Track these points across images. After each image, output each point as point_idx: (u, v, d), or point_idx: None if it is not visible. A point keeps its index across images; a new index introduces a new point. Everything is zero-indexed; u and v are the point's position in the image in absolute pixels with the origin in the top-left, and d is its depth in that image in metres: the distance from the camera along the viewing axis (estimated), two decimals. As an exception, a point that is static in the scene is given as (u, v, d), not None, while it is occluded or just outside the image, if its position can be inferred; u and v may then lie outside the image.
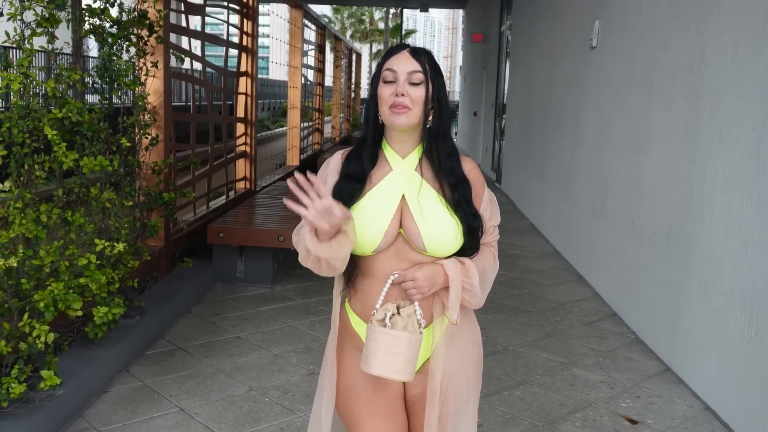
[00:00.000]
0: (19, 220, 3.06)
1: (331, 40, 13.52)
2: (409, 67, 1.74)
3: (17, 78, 3.11)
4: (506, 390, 3.77)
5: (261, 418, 3.35)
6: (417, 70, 1.74)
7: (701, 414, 3.56)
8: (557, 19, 7.82)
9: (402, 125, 1.74)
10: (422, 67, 1.74)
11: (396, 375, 1.69)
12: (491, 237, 1.91)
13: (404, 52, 1.77)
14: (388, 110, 1.74)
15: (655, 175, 4.47)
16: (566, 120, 7.03)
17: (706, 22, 3.88)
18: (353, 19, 49.92)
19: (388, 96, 1.73)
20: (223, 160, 6.55)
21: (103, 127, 3.90)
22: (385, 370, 1.68)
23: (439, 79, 1.77)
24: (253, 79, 7.09)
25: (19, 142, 3.16)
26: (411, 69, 1.74)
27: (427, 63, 1.76)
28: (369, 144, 1.81)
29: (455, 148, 1.83)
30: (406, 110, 1.73)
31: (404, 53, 1.76)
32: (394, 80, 1.74)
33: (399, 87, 1.73)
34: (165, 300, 4.50)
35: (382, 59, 1.81)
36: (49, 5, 3.34)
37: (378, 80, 1.77)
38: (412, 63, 1.74)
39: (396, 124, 1.74)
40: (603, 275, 5.53)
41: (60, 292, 3.12)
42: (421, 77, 1.74)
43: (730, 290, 3.42)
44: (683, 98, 4.10)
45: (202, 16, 5.87)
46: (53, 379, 3.03)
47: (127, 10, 4.22)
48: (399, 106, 1.72)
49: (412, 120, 1.74)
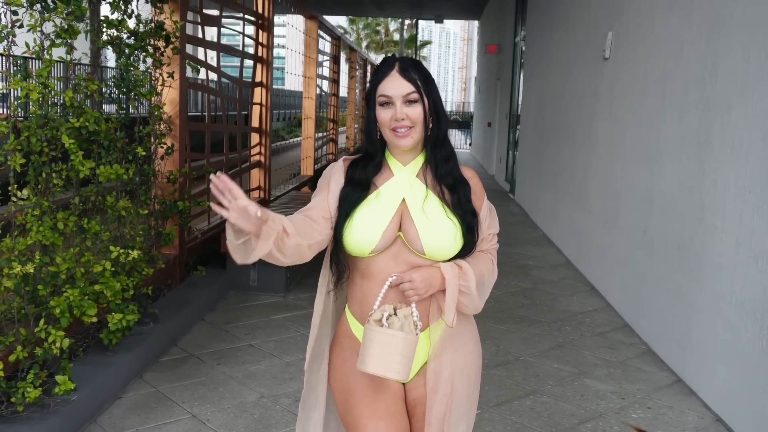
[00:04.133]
0: (36, 227, 3.12)
1: (346, 50, 13.60)
2: (402, 89, 1.76)
3: (36, 88, 3.17)
4: (517, 399, 3.77)
5: (272, 425, 3.37)
6: (411, 91, 1.76)
7: (712, 425, 3.55)
8: (571, 31, 7.84)
9: (407, 146, 1.79)
10: (415, 86, 1.77)
11: (391, 374, 1.72)
12: (490, 245, 1.94)
13: (394, 72, 1.78)
14: (391, 133, 1.78)
15: (667, 186, 4.47)
16: (579, 130, 7.03)
17: (717, 33, 3.89)
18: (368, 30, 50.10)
19: (389, 120, 1.77)
20: (237, 170, 6.61)
21: (120, 137, 3.97)
22: (380, 369, 1.71)
23: (433, 91, 1.81)
24: (268, 89, 7.15)
25: (37, 151, 3.22)
26: (405, 92, 1.76)
27: (419, 79, 1.78)
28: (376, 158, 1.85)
29: (453, 152, 1.87)
30: (409, 131, 1.77)
31: (394, 74, 1.77)
32: (391, 103, 1.77)
33: (397, 112, 1.76)
34: (179, 307, 4.54)
35: (373, 79, 1.81)
36: (68, 17, 3.41)
37: (374, 103, 1.80)
38: (405, 85, 1.76)
39: (401, 145, 1.79)
40: (615, 286, 5.52)
41: (75, 299, 3.17)
42: (416, 96, 1.77)
43: (741, 301, 3.42)
44: (695, 109, 4.11)
45: (218, 28, 5.94)
46: (68, 384, 3.07)
47: (144, 22, 4.29)
48: (401, 129, 1.76)
49: (416, 138, 1.79)
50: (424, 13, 23.12)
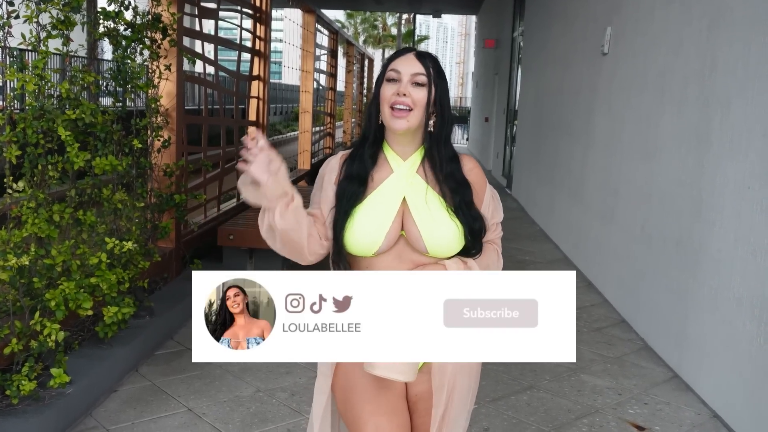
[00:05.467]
0: (32, 219, 3.10)
1: (343, 44, 13.57)
2: (413, 68, 1.76)
3: (32, 79, 3.15)
4: (513, 395, 3.77)
5: (268, 419, 3.36)
6: (421, 72, 1.76)
7: (709, 421, 3.55)
8: (569, 25, 7.83)
9: (401, 129, 1.76)
10: (426, 71, 1.76)
11: (398, 375, 1.70)
12: (494, 234, 1.92)
13: (410, 54, 1.79)
14: (389, 110, 1.75)
15: (666, 181, 4.46)
16: (577, 126, 7.02)
17: (717, 28, 3.88)
18: (366, 24, 49.98)
19: (390, 95, 1.75)
20: (234, 163, 6.59)
21: (116, 129, 3.94)
22: (387, 371, 1.69)
23: (443, 84, 1.79)
24: (266, 83, 7.13)
25: (33, 143, 3.19)
26: (415, 71, 1.76)
27: (432, 67, 1.77)
28: (369, 144, 1.83)
29: (455, 153, 1.84)
30: (406, 113, 1.74)
31: (410, 56, 1.78)
32: (398, 79, 1.76)
33: (401, 87, 1.74)
34: (175, 301, 4.53)
35: (387, 60, 1.82)
36: (64, 8, 3.39)
37: (382, 80, 1.79)
38: (417, 65, 1.76)
39: (395, 127, 1.76)
40: (612, 281, 5.52)
41: (71, 292, 3.15)
42: (424, 79, 1.75)
43: (739, 297, 3.41)
44: (694, 104, 4.10)
45: (215, 20, 5.91)
46: (63, 377, 3.05)
47: (141, 14, 4.27)
48: (399, 106, 1.74)
49: (412, 123, 1.76)
50: (422, 7, 23.08)
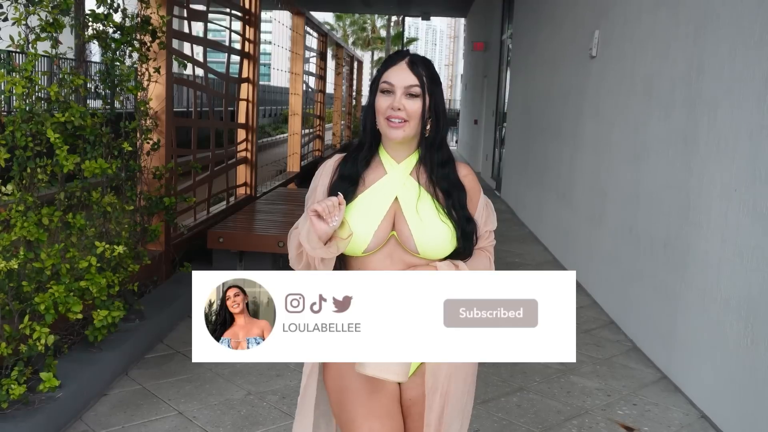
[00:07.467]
0: (20, 223, 3.09)
1: (332, 47, 13.58)
2: (406, 81, 1.75)
3: (21, 82, 3.14)
4: (503, 396, 3.78)
5: (259, 422, 3.36)
6: (414, 84, 1.75)
7: (697, 422, 3.58)
8: (557, 29, 7.87)
9: (397, 138, 1.77)
10: (419, 80, 1.76)
11: (390, 375, 1.70)
12: (487, 242, 1.93)
13: (402, 63, 1.78)
14: (385, 122, 1.77)
15: (653, 184, 4.50)
16: (566, 128, 7.06)
17: (704, 32, 3.91)
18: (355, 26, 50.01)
19: (385, 108, 1.76)
20: (223, 166, 6.58)
21: (105, 132, 3.93)
22: (379, 370, 1.69)
23: (437, 90, 1.79)
24: (255, 85, 7.13)
25: (21, 146, 3.18)
26: (408, 83, 1.75)
27: (425, 75, 1.77)
28: (366, 149, 1.84)
29: (451, 156, 1.85)
30: (403, 124, 1.75)
31: (402, 65, 1.77)
32: (392, 91, 1.76)
33: (396, 101, 1.75)
34: (165, 304, 4.51)
35: (381, 67, 1.83)
36: (53, 10, 3.38)
37: (376, 89, 1.80)
38: (410, 77, 1.76)
39: (392, 137, 1.77)
40: (601, 283, 5.55)
41: (60, 295, 3.14)
42: (418, 90, 1.75)
43: (727, 298, 3.44)
44: (681, 107, 4.13)
45: (204, 23, 5.90)
46: (52, 381, 3.04)
47: (130, 16, 4.26)
48: (395, 119, 1.75)
49: (408, 133, 1.77)
50: (411, 9, 23.14)
